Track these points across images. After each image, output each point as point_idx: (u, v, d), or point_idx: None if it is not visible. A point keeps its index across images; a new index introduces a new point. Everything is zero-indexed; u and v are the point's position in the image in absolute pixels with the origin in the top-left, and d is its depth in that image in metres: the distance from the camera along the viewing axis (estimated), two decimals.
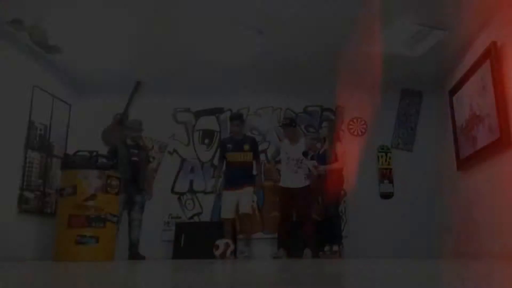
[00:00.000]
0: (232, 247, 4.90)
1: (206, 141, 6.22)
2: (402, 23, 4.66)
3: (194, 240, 5.31)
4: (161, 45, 5.32)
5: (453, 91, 5.45)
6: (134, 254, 5.18)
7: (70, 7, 4.46)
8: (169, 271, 2.63)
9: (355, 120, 6.13)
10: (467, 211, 5.16)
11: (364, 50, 5.33)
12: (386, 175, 5.96)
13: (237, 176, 5.10)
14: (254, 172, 5.29)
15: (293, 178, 5.21)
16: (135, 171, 5.27)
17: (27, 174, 5.10)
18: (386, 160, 6.00)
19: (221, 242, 4.88)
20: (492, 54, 4.31)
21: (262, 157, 5.65)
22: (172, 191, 6.03)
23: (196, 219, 5.92)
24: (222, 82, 6.27)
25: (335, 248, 5.03)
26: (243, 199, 5.08)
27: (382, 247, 5.65)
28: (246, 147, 5.20)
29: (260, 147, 5.74)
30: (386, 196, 5.91)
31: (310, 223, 5.22)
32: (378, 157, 5.98)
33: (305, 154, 5.24)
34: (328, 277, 1.92)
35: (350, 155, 5.42)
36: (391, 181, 5.94)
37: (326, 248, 5.01)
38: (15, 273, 2.46)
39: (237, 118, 5.35)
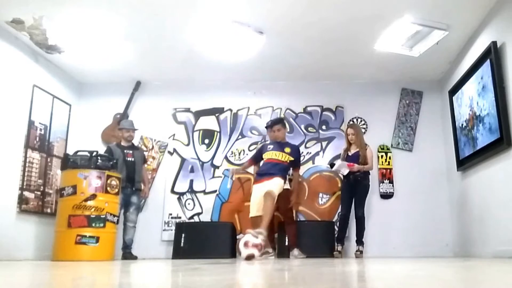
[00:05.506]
0: (257, 241, 4.12)
1: (206, 141, 6.21)
2: (402, 23, 4.66)
3: (194, 240, 5.31)
4: (161, 45, 5.32)
5: (453, 91, 5.45)
6: (127, 254, 5.20)
7: (70, 7, 4.46)
8: (169, 271, 2.63)
9: (355, 120, 6.13)
10: (467, 211, 5.16)
11: (364, 50, 5.34)
12: (386, 175, 5.96)
13: (269, 170, 4.96)
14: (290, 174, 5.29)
15: None
16: (130, 171, 5.27)
17: (27, 174, 5.10)
18: (386, 160, 5.99)
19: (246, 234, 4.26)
20: (492, 54, 4.31)
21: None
22: (172, 191, 6.03)
23: (196, 219, 5.92)
24: (222, 82, 6.28)
25: (361, 248, 5.16)
26: (269, 183, 4.83)
27: (381, 247, 5.65)
28: (288, 149, 5.15)
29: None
30: (386, 196, 5.90)
31: (294, 224, 5.24)
32: (378, 157, 5.97)
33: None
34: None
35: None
36: (391, 181, 5.94)
37: (356, 248, 5.19)
38: (15, 273, 2.46)
39: (278, 122, 5.31)
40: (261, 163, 5.26)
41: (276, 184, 4.86)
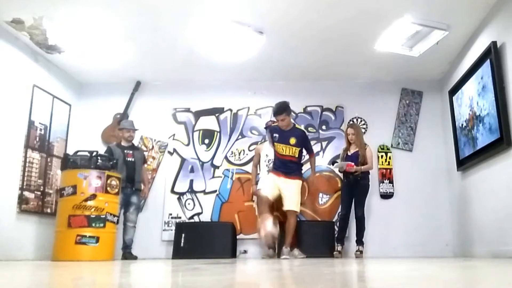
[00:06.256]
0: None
1: (206, 141, 6.22)
2: (402, 23, 4.65)
3: (194, 240, 5.31)
4: (161, 45, 5.32)
5: (453, 91, 5.45)
6: (127, 254, 5.20)
7: (70, 7, 4.46)
8: (169, 271, 2.63)
9: (355, 120, 6.12)
10: (467, 211, 5.16)
11: (364, 50, 5.34)
12: (386, 175, 5.96)
13: (286, 167, 4.89)
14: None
15: None
16: (130, 171, 5.27)
17: (27, 174, 5.10)
18: (386, 160, 5.99)
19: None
20: (492, 54, 4.31)
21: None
22: (172, 191, 6.03)
23: (196, 219, 5.92)
24: (222, 82, 6.28)
25: (361, 248, 5.18)
26: (288, 192, 4.84)
27: (382, 247, 5.65)
28: (293, 140, 4.88)
29: None
30: (386, 196, 5.90)
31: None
32: (378, 157, 5.97)
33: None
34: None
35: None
36: (391, 181, 5.94)
37: (356, 248, 5.22)
38: (15, 273, 2.46)
39: (281, 112, 4.87)
40: (274, 157, 5.07)
41: (296, 194, 4.88)
